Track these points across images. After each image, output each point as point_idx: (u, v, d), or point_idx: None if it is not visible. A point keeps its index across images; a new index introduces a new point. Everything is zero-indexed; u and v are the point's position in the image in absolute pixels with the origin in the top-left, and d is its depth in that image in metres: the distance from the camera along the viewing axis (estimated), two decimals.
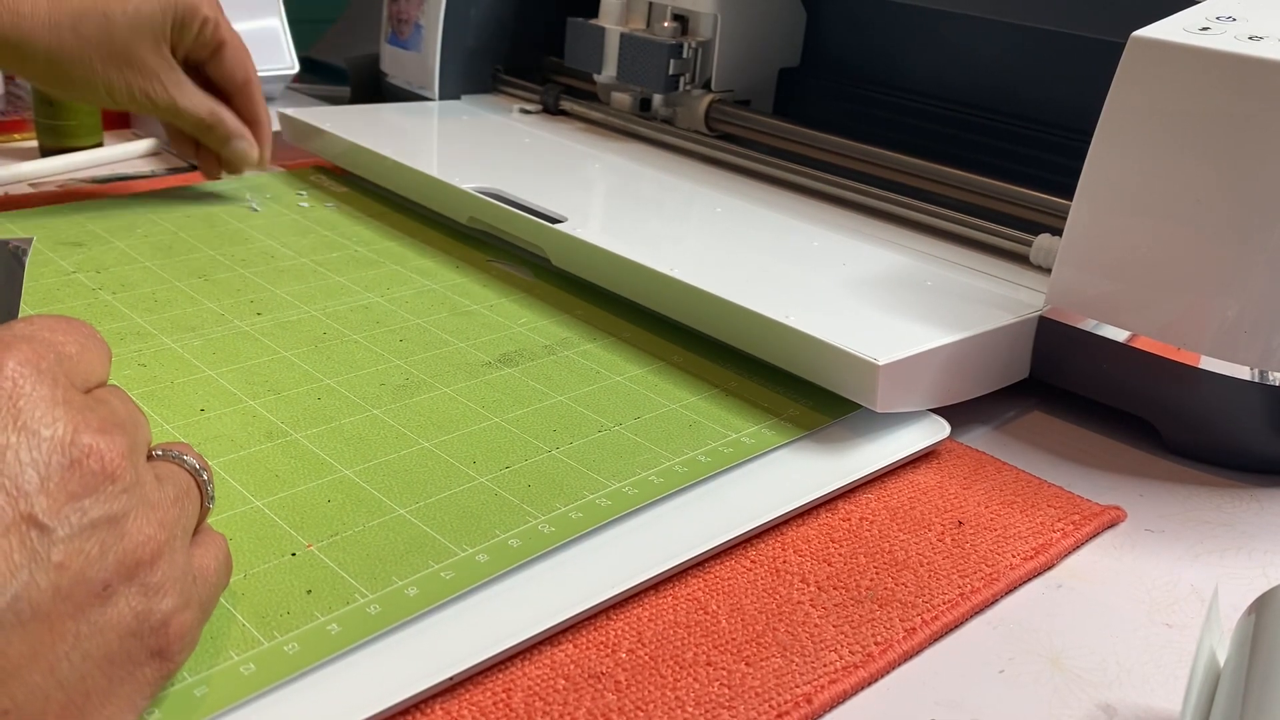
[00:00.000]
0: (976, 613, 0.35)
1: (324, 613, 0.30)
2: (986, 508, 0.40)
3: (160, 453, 0.28)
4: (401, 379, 0.44)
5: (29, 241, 0.54)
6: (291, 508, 0.35)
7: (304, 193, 0.67)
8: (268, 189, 0.68)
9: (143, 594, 0.24)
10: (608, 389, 0.44)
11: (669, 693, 0.30)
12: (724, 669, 0.31)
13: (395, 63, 0.82)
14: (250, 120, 0.62)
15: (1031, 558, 0.37)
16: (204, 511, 0.28)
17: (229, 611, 0.30)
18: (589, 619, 0.32)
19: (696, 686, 0.30)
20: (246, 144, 0.62)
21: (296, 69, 0.83)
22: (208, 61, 0.60)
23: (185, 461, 0.27)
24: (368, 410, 0.41)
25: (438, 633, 0.30)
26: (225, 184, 0.68)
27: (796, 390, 0.45)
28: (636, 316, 0.52)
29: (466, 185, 0.59)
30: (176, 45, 0.58)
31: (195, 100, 0.59)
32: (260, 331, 0.47)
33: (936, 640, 0.33)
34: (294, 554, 0.33)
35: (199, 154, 0.64)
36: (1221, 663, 0.29)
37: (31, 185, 0.69)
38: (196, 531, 0.28)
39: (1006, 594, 0.35)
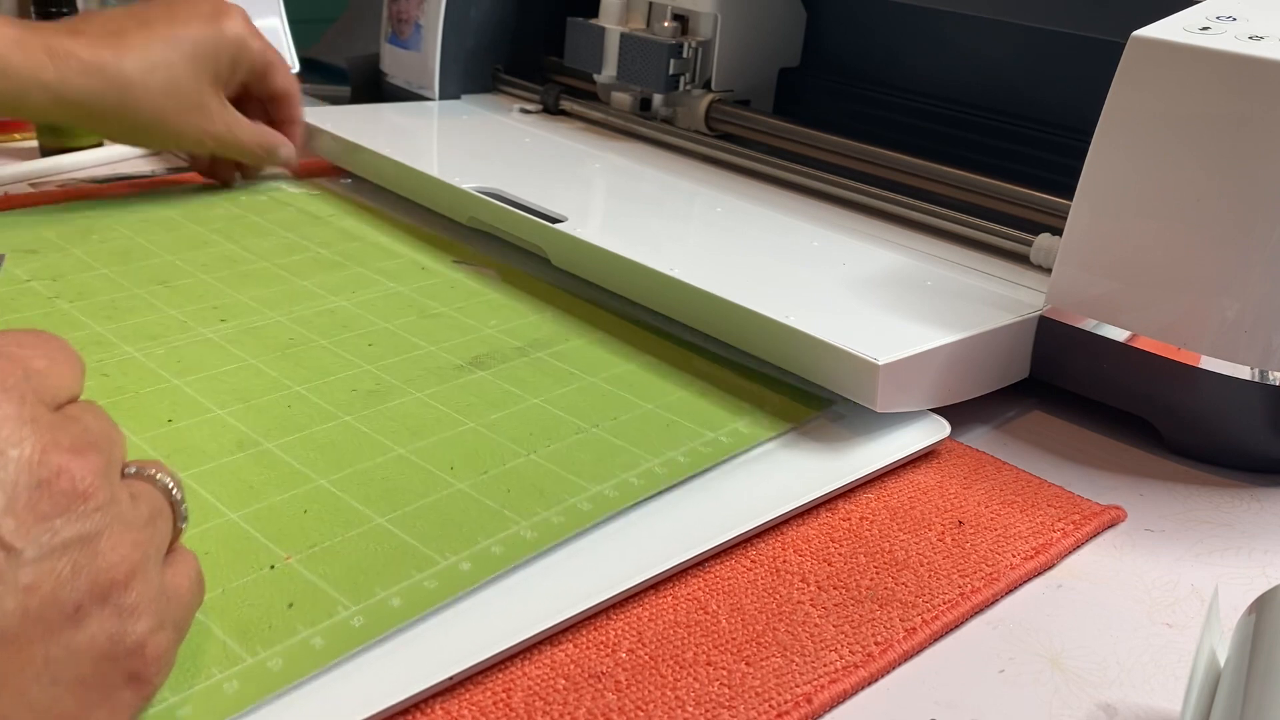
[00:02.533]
0: (976, 613, 0.35)
1: (307, 626, 0.29)
2: (986, 507, 0.40)
3: (134, 470, 0.27)
4: (372, 384, 0.43)
5: (2, 257, 0.53)
6: (267, 519, 0.34)
7: (290, 186, 0.67)
8: (226, 189, 0.67)
9: (116, 616, 0.23)
10: (583, 390, 0.44)
11: (669, 693, 0.30)
12: (724, 669, 0.31)
13: (395, 63, 0.82)
14: (289, 120, 0.66)
15: (1031, 557, 0.37)
16: (177, 531, 0.27)
17: (208, 628, 0.29)
18: (589, 619, 0.32)
19: (696, 686, 0.30)
20: (288, 150, 0.66)
21: (296, 69, 0.83)
22: (255, 83, 0.63)
23: (157, 480, 0.27)
24: (339, 417, 0.41)
25: (437, 632, 0.30)
26: (184, 184, 0.68)
27: (772, 386, 0.45)
28: (607, 317, 0.52)
29: (466, 185, 0.59)
30: (229, 81, 0.62)
31: (250, 133, 0.63)
32: (225, 338, 0.47)
33: (936, 640, 0.33)
34: (273, 567, 0.32)
35: (215, 164, 0.67)
36: (1221, 663, 0.29)
37: (31, 185, 0.69)
38: (169, 550, 0.27)
39: (1006, 594, 0.35)
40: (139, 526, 0.24)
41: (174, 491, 0.27)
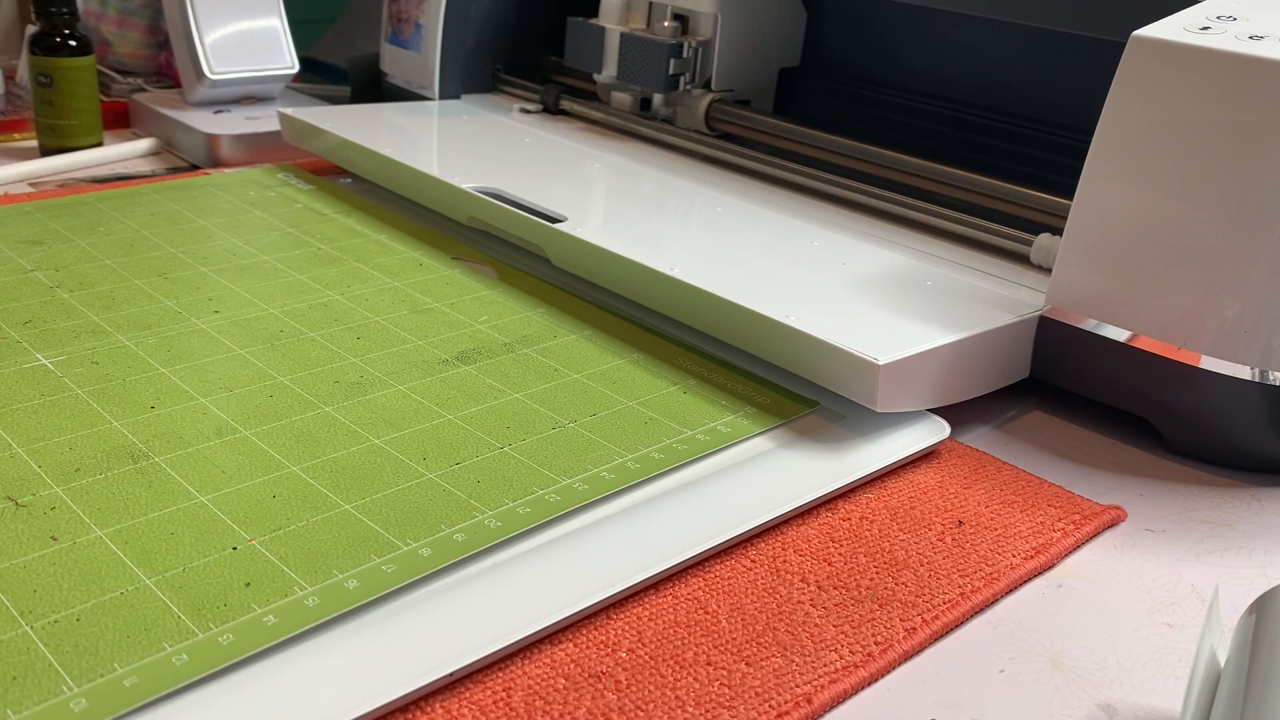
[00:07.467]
0: (976, 612, 0.35)
1: (261, 605, 0.30)
2: (987, 507, 0.40)
3: None
4: (356, 377, 0.44)
5: None
6: (235, 503, 0.35)
7: (299, 183, 0.67)
8: (236, 186, 0.67)
9: None
10: (565, 386, 0.44)
11: (669, 692, 0.30)
12: (724, 669, 0.31)
13: (395, 62, 0.82)
14: None
15: (1032, 557, 0.37)
16: None
17: (164, 604, 0.30)
18: (589, 618, 0.32)
19: (696, 686, 0.30)
20: None
21: (296, 69, 0.83)
22: None
23: None
24: (319, 408, 0.41)
25: (438, 630, 0.30)
26: (196, 180, 0.68)
27: (759, 385, 0.46)
28: (599, 314, 0.52)
29: (466, 185, 0.59)
30: None
31: None
32: (217, 329, 0.47)
33: (937, 640, 0.33)
34: (235, 548, 0.33)
35: None
36: (1222, 663, 0.29)
37: (31, 185, 0.69)
38: None
39: (1007, 594, 0.35)
40: None
41: None
